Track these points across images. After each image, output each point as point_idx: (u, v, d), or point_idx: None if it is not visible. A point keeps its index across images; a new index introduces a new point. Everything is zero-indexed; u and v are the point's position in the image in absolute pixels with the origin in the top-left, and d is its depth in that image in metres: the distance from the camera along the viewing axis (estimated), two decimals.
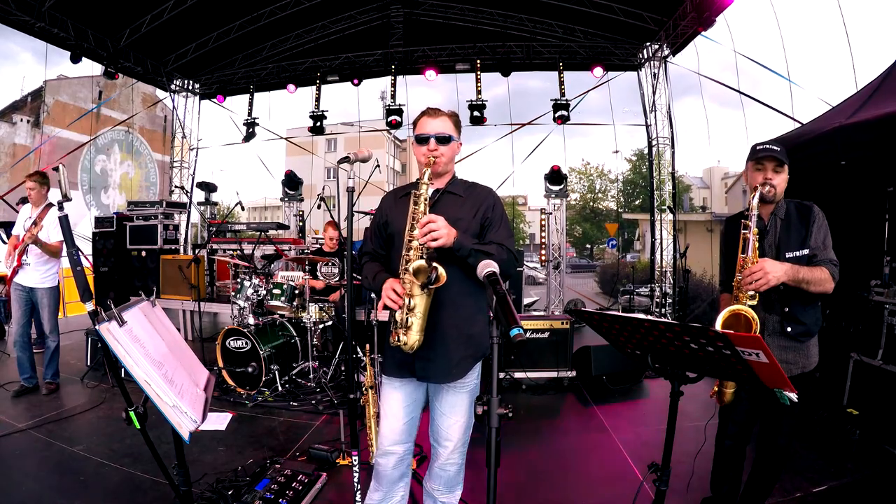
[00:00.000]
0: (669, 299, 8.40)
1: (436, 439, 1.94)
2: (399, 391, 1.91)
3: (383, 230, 1.93)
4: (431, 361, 1.80)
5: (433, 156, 1.80)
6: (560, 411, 4.06)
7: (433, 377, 1.84)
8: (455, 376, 1.83)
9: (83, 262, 4.19)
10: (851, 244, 3.75)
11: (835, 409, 3.41)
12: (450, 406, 1.87)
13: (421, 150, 1.84)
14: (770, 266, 1.85)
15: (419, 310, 1.69)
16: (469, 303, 1.85)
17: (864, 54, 6.38)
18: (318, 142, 23.51)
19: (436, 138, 1.81)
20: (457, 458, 1.91)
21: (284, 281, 4.63)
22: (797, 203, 2.09)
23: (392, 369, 1.89)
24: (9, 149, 14.18)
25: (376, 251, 1.96)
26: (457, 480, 1.97)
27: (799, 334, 2.01)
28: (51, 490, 2.64)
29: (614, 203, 34.13)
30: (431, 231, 1.62)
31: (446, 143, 1.83)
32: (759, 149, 2.05)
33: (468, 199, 1.87)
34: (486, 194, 1.91)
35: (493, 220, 1.85)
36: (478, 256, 1.64)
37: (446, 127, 1.84)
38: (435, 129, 1.82)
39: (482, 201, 1.87)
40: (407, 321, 1.69)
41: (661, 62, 8.51)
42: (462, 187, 1.91)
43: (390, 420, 1.91)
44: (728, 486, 2.28)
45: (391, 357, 1.88)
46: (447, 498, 1.99)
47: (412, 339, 1.71)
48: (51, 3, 6.99)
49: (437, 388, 1.90)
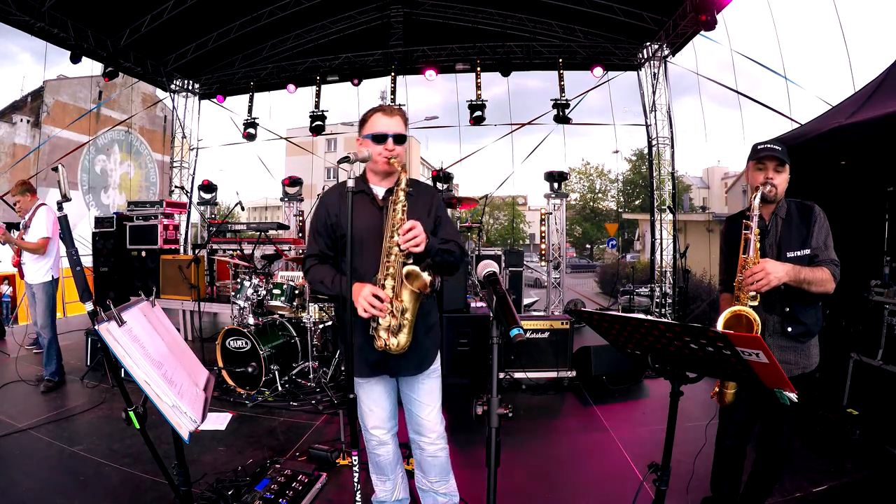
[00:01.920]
0: (669, 299, 8.39)
1: (418, 431, 2.00)
2: (378, 385, 1.98)
3: (332, 231, 1.89)
4: (406, 358, 1.86)
5: (392, 155, 1.80)
6: (560, 411, 4.06)
7: (408, 371, 1.93)
8: (425, 366, 1.94)
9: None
10: (851, 244, 3.75)
11: (835, 409, 3.41)
12: (427, 393, 1.96)
13: (377, 148, 1.81)
14: (771, 266, 1.84)
15: (409, 314, 1.74)
16: (426, 299, 1.90)
17: (860, 54, 6.39)
18: (318, 142, 23.53)
19: (393, 137, 1.81)
20: (442, 442, 2.00)
21: (284, 281, 4.63)
22: (798, 203, 2.08)
23: (366, 371, 1.93)
24: (9, 149, 14.17)
25: (324, 252, 1.92)
26: (448, 467, 2.05)
27: (800, 334, 2.00)
28: (51, 490, 2.64)
29: (614, 203, 34.15)
30: (415, 237, 1.66)
31: (402, 142, 1.84)
32: (760, 148, 2.04)
33: (419, 197, 1.89)
34: (433, 191, 2.01)
35: (442, 217, 1.92)
36: (442, 255, 1.78)
37: (400, 126, 1.85)
38: (392, 129, 1.81)
39: (431, 200, 1.93)
40: (399, 326, 1.73)
41: (661, 62, 8.51)
42: (412, 185, 1.92)
43: (378, 412, 1.99)
44: (728, 485, 2.27)
45: (363, 360, 1.90)
46: (446, 488, 2.03)
47: (402, 341, 1.75)
48: (51, 3, 6.99)
49: (410, 379, 1.97)
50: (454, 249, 1.84)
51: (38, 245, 4.09)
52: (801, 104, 8.81)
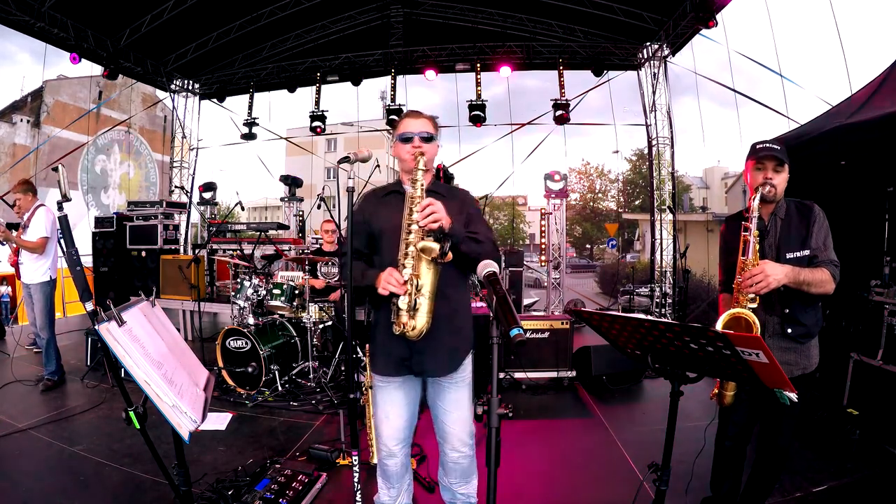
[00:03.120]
0: (669, 299, 8.39)
1: (443, 438, 1.97)
2: (399, 391, 1.94)
3: (365, 229, 1.97)
4: (428, 354, 1.83)
5: (419, 151, 1.86)
6: (560, 411, 4.06)
7: (431, 370, 1.88)
8: (451, 368, 1.88)
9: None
10: (851, 244, 3.74)
11: (835, 409, 3.41)
12: (453, 402, 1.92)
13: (405, 147, 1.89)
14: (771, 268, 1.84)
15: (427, 289, 1.71)
16: (455, 295, 1.89)
17: (857, 56, 6.40)
18: (318, 142, 23.52)
19: (420, 136, 1.88)
20: (467, 450, 1.96)
21: (284, 281, 4.63)
22: (797, 202, 2.07)
23: (388, 369, 1.92)
24: (9, 149, 14.18)
25: (359, 250, 1.98)
26: (471, 471, 2.01)
27: (799, 335, 2.00)
28: (51, 490, 2.64)
29: (614, 203, 34.15)
30: (432, 213, 1.67)
31: (429, 141, 1.91)
32: (759, 148, 2.03)
33: (450, 198, 1.93)
34: (466, 194, 2.04)
35: (473, 216, 1.94)
36: (470, 244, 1.75)
37: (428, 127, 1.92)
38: (418, 128, 1.90)
39: (464, 200, 1.97)
40: (415, 304, 1.71)
41: (661, 62, 8.51)
42: (444, 189, 1.99)
43: (393, 421, 1.94)
44: (728, 486, 2.27)
45: (385, 356, 1.91)
46: (465, 489, 2.01)
47: (420, 322, 1.72)
48: (51, 3, 6.99)
49: (437, 387, 1.93)
50: (482, 240, 1.82)
51: (37, 244, 4.10)
52: (801, 104, 8.82)
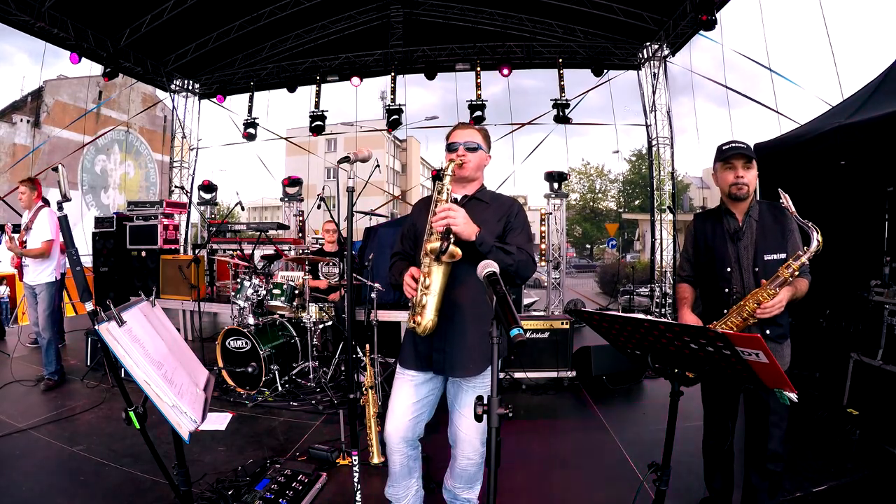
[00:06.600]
0: (669, 299, 8.39)
1: (453, 440, 1.98)
2: (410, 385, 1.95)
3: (412, 232, 2.05)
4: (449, 354, 1.85)
5: (461, 159, 1.92)
6: (560, 411, 4.06)
7: (449, 369, 1.88)
8: (471, 371, 1.88)
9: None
10: (851, 244, 3.75)
11: (835, 409, 3.41)
12: (467, 406, 1.92)
13: (450, 156, 1.96)
14: (780, 300, 1.86)
15: (434, 287, 1.74)
16: (484, 303, 1.88)
17: (847, 59, 6.41)
18: (318, 142, 23.52)
19: (464, 146, 1.95)
20: (477, 458, 1.95)
21: (284, 281, 4.63)
22: (769, 203, 2.09)
23: (410, 361, 1.95)
24: (9, 149, 14.16)
25: (406, 251, 2.07)
26: (477, 477, 2.01)
27: (777, 336, 2.02)
28: (51, 490, 2.64)
29: (614, 203, 34.14)
30: (447, 216, 1.69)
31: (474, 150, 1.96)
32: (725, 148, 2.04)
33: (493, 205, 1.99)
34: (511, 202, 2.04)
35: (514, 225, 1.95)
36: (498, 254, 1.74)
37: (475, 137, 1.99)
38: (464, 138, 1.97)
39: (507, 208, 1.99)
40: (422, 300, 1.75)
41: (661, 62, 8.52)
42: (489, 196, 2.02)
43: (396, 415, 1.94)
44: (720, 482, 2.28)
45: (411, 348, 1.94)
46: (467, 494, 2.01)
47: (427, 318, 1.75)
48: (51, 3, 6.99)
49: (457, 388, 1.94)
50: (513, 251, 1.78)
51: (42, 250, 4.12)
52: (800, 104, 8.82)
